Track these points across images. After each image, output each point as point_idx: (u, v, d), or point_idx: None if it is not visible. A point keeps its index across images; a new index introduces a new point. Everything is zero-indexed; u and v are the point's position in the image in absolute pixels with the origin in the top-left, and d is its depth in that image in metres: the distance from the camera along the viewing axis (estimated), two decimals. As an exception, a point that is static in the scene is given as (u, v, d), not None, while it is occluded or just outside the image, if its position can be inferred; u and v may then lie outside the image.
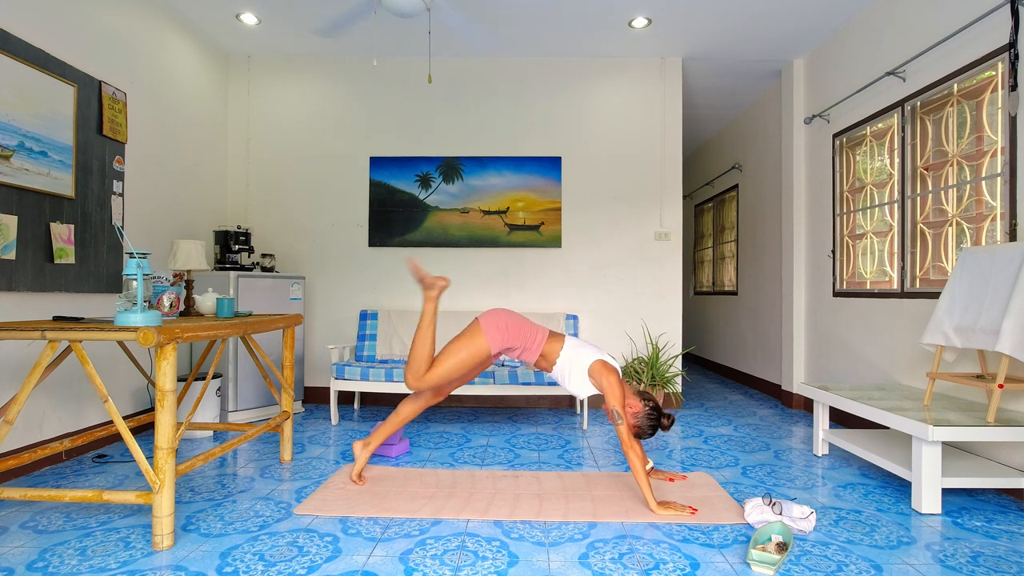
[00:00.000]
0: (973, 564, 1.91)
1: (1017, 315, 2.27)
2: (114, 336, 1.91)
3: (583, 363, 2.53)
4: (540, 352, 2.60)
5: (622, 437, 2.34)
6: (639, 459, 2.32)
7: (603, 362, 2.51)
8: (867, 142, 3.88)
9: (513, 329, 2.56)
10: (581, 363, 2.54)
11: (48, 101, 2.88)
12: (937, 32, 3.16)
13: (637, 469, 2.31)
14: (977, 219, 2.96)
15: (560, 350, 2.59)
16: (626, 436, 2.34)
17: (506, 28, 4.14)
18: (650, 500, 2.30)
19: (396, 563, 1.88)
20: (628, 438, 2.34)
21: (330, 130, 4.71)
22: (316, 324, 4.69)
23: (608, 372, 2.46)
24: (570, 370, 2.56)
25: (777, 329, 5.05)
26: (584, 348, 2.58)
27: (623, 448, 2.34)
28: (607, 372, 2.46)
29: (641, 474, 2.31)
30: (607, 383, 2.43)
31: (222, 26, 4.17)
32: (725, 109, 5.91)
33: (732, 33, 4.18)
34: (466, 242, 4.60)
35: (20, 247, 2.72)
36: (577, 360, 2.55)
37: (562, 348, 2.59)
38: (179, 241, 2.91)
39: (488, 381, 3.85)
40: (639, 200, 4.62)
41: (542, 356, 2.62)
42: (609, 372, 2.46)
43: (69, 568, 1.83)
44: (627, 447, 2.33)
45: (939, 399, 2.86)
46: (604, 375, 2.45)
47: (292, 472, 2.85)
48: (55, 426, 2.97)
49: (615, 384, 2.43)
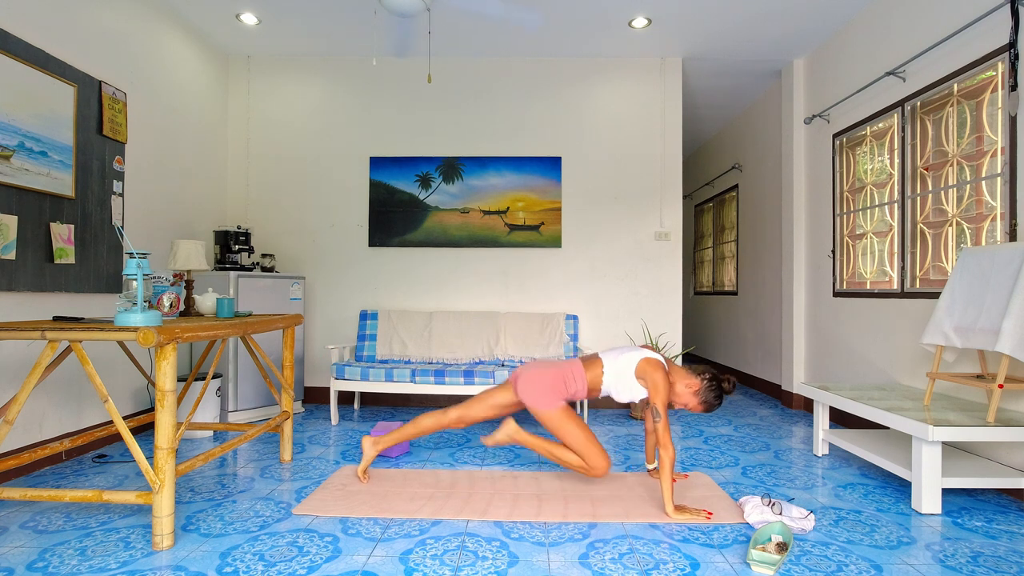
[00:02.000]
0: (973, 564, 1.91)
1: (1017, 315, 2.26)
2: (114, 336, 1.91)
3: (629, 371, 2.49)
4: (587, 388, 2.56)
5: (659, 436, 2.28)
6: (671, 461, 2.27)
7: (647, 360, 2.46)
8: (867, 142, 3.88)
9: (551, 383, 2.55)
10: (627, 372, 2.49)
11: (48, 101, 2.88)
12: (937, 32, 3.16)
13: (666, 470, 2.27)
14: (977, 219, 2.96)
15: (602, 374, 2.55)
16: (663, 436, 2.28)
17: (507, 28, 4.14)
18: (669, 503, 2.27)
19: (396, 563, 1.88)
20: (665, 438, 2.28)
21: (330, 130, 4.71)
22: (316, 324, 4.69)
23: (654, 369, 2.42)
24: (619, 384, 2.52)
25: (777, 329, 5.05)
26: (623, 355, 2.53)
27: (659, 445, 2.28)
28: (652, 369, 2.42)
29: (668, 475, 2.27)
30: (653, 381, 2.40)
31: (222, 26, 4.17)
32: (725, 109, 5.90)
33: (732, 33, 4.18)
34: (466, 242, 4.60)
35: (20, 247, 2.72)
36: (623, 371, 2.50)
37: (603, 371, 2.55)
38: (179, 241, 2.91)
39: (488, 381, 3.85)
40: (639, 200, 4.62)
41: (590, 390, 2.58)
42: (655, 369, 2.42)
43: (69, 568, 1.83)
44: (663, 446, 2.27)
45: (939, 399, 2.86)
46: (650, 373, 2.41)
47: (292, 472, 2.85)
48: (55, 426, 2.97)
49: (661, 382, 2.38)
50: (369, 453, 2.72)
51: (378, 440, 2.74)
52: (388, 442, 2.73)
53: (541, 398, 2.53)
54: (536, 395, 2.54)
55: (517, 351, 4.35)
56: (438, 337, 4.40)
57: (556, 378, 2.55)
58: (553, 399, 2.53)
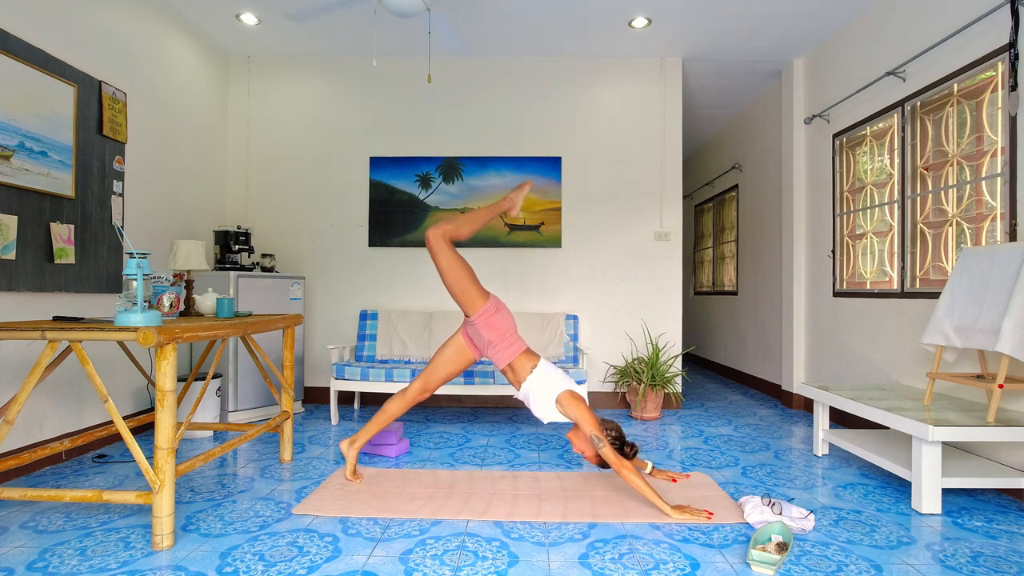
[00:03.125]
0: (973, 564, 1.91)
1: (1017, 315, 2.26)
2: (114, 336, 1.91)
3: (552, 390, 2.52)
4: (511, 360, 2.61)
5: (609, 459, 2.31)
6: (634, 473, 2.27)
7: (572, 392, 2.51)
8: (867, 142, 3.88)
9: (501, 321, 2.61)
10: (551, 389, 2.53)
11: (48, 101, 2.88)
12: (937, 32, 3.16)
13: (638, 484, 2.26)
14: (977, 219, 2.96)
15: (531, 368, 2.59)
16: (612, 457, 2.31)
17: (506, 28, 4.14)
18: (663, 507, 2.26)
19: (396, 563, 1.88)
20: (615, 458, 2.31)
21: (330, 130, 4.71)
22: (316, 324, 4.69)
23: (578, 401, 2.47)
24: (538, 393, 2.55)
25: (777, 329, 5.05)
26: (556, 374, 2.57)
27: (615, 469, 2.30)
28: (576, 401, 2.47)
29: (644, 488, 2.26)
30: (578, 412, 2.43)
31: (222, 26, 4.17)
32: (725, 109, 5.90)
33: (732, 33, 4.18)
34: (466, 242, 4.60)
35: (20, 247, 2.72)
36: (548, 385, 2.54)
37: (534, 368, 2.58)
38: (179, 241, 2.91)
39: (488, 381, 3.85)
40: (639, 200, 4.62)
41: (510, 367, 2.63)
42: (579, 401, 2.47)
43: (69, 568, 1.83)
44: (618, 467, 2.29)
45: (939, 399, 2.86)
46: (574, 405, 2.46)
47: (292, 472, 2.85)
48: (55, 426, 2.97)
49: (586, 412, 2.43)
50: (350, 455, 2.71)
51: (354, 439, 2.74)
52: (363, 438, 2.73)
53: (492, 304, 2.63)
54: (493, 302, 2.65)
55: (517, 351, 4.35)
56: (438, 337, 4.39)
57: (508, 321, 2.65)
58: (490, 311, 2.61)
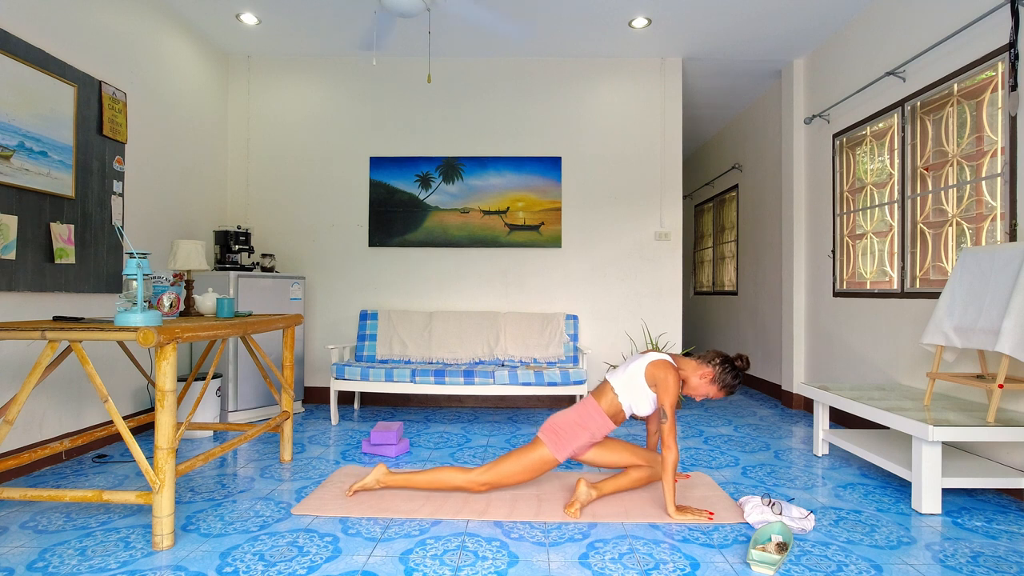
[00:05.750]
0: (973, 564, 1.91)
1: (1017, 315, 2.26)
2: (114, 336, 1.91)
3: (638, 381, 2.40)
4: (607, 418, 2.45)
5: (664, 437, 2.26)
6: (675, 462, 2.25)
7: (653, 363, 2.38)
8: (867, 142, 3.88)
9: (570, 431, 2.42)
10: (637, 382, 2.40)
11: (48, 101, 2.88)
12: (937, 32, 3.16)
13: (669, 471, 2.25)
14: (977, 219, 2.96)
15: (616, 396, 2.44)
16: (668, 437, 2.26)
17: (506, 28, 4.14)
18: (671, 504, 2.26)
19: (396, 563, 1.88)
20: (670, 439, 2.26)
21: (330, 130, 4.71)
22: (316, 324, 4.69)
23: (663, 369, 2.34)
24: (634, 397, 2.42)
25: (777, 329, 5.05)
26: (628, 368, 2.44)
27: (664, 446, 2.26)
28: (661, 370, 2.34)
29: (671, 476, 2.26)
30: (663, 383, 2.31)
31: (222, 26, 4.17)
32: (725, 109, 5.90)
33: (732, 33, 4.18)
34: (466, 242, 4.60)
35: (20, 247, 2.72)
36: (632, 384, 2.41)
37: (615, 392, 2.44)
38: (179, 241, 2.91)
39: (488, 381, 3.85)
40: (639, 200, 4.62)
41: (613, 417, 2.46)
42: (664, 369, 2.34)
43: (69, 568, 1.83)
44: (667, 447, 2.26)
45: (939, 399, 2.86)
46: (659, 374, 2.33)
47: (292, 472, 2.85)
48: (55, 426, 2.97)
49: (671, 382, 2.31)
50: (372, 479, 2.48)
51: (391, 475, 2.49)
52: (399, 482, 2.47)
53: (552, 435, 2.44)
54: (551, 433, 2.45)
55: (517, 351, 4.35)
56: (438, 337, 4.40)
57: (573, 423, 2.45)
58: (564, 446, 2.42)
